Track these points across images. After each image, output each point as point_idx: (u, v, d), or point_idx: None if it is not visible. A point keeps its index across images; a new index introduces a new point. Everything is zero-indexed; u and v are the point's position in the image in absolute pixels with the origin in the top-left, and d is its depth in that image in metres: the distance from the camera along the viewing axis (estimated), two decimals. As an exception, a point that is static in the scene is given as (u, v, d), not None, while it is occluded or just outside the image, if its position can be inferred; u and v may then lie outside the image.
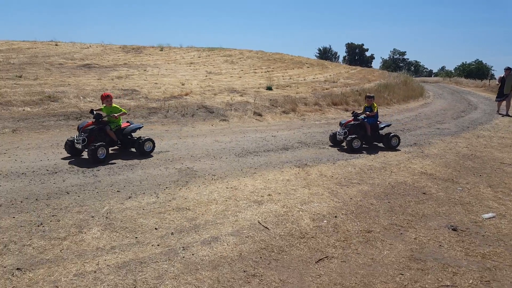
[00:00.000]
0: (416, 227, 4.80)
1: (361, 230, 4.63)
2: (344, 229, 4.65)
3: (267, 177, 6.63)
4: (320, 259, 3.90)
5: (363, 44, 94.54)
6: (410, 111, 18.14)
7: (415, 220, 5.02)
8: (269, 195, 5.70)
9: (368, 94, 9.99)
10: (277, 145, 9.36)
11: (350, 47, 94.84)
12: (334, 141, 9.60)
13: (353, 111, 9.89)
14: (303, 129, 12.08)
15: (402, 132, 12.16)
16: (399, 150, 9.24)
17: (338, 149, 9.14)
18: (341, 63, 71.70)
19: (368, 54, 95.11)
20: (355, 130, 9.32)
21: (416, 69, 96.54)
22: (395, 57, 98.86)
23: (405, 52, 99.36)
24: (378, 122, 9.77)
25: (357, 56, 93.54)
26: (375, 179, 6.77)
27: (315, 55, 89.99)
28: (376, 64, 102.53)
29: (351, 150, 8.95)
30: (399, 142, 9.49)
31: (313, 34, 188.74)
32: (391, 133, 9.59)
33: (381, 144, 9.76)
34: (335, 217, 5.01)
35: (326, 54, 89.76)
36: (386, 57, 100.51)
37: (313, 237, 4.40)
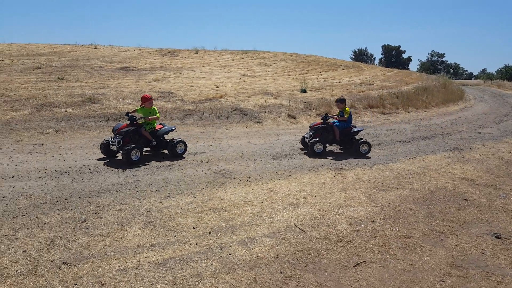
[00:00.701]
0: (457, 234, 4.62)
1: (399, 236, 4.51)
2: (382, 234, 4.55)
3: (302, 180, 6.59)
4: (358, 264, 3.83)
5: (400, 46, 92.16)
6: (449, 115, 17.53)
7: (456, 227, 4.84)
8: (305, 198, 5.67)
9: (338, 98, 9.48)
10: (312, 148, 9.27)
11: (387, 49, 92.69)
12: (304, 144, 9.19)
13: (325, 113, 9.57)
14: (338, 132, 11.89)
15: (442, 136, 11.77)
16: (369, 157, 8.60)
17: (305, 152, 8.83)
18: (377, 65, 70.14)
19: (405, 56, 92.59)
20: (322, 134, 8.95)
21: (456, 72, 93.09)
22: (433, 59, 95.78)
23: (444, 54, 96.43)
24: (352, 127, 9.25)
25: (393, 58, 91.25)
26: (414, 184, 6.58)
27: (350, 57, 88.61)
28: (414, 66, 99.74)
29: (313, 154, 8.53)
30: (369, 149, 8.81)
31: (348, 36, 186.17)
32: (361, 139, 8.97)
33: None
34: (373, 221, 4.91)
35: (361, 56, 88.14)
36: (424, 59, 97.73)
37: (350, 241, 4.33)
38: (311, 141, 8.58)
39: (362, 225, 4.78)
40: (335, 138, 9.01)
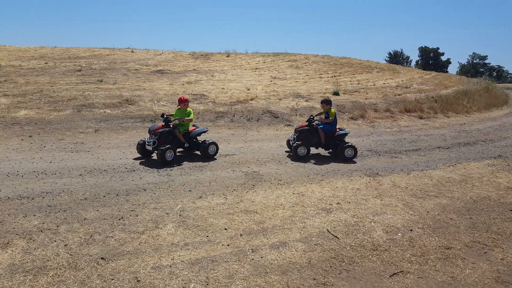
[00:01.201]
0: (503, 247, 4.39)
1: (439, 246, 4.35)
2: (420, 244, 4.39)
3: (335, 185, 6.49)
4: (395, 273, 3.72)
5: (438, 48, 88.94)
6: (492, 120, 16.77)
7: (501, 239, 4.60)
8: (338, 203, 5.58)
9: (323, 99, 9.11)
10: (345, 152, 9.14)
11: (424, 51, 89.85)
12: (290, 146, 8.93)
13: (311, 115, 9.12)
14: (373, 137, 11.69)
15: (484, 142, 11.28)
16: (354, 162, 8.31)
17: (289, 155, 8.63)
18: (414, 67, 68.12)
19: (443, 58, 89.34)
20: (306, 136, 8.68)
21: (499, 75, 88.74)
22: (474, 61, 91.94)
23: (486, 56, 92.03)
24: (337, 130, 8.89)
25: (431, 60, 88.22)
26: (455, 193, 6.32)
27: (385, 59, 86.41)
28: (453, 69, 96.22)
29: (296, 157, 8.31)
30: (355, 154, 8.48)
31: (383, 38, 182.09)
32: (347, 143, 8.65)
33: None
34: (411, 230, 4.76)
35: (397, 58, 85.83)
36: (464, 61, 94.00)
37: (386, 250, 4.21)
38: (294, 144, 8.44)
39: (399, 234, 4.64)
40: (320, 141, 8.77)
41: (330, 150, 9.02)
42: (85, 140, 9.24)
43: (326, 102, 8.83)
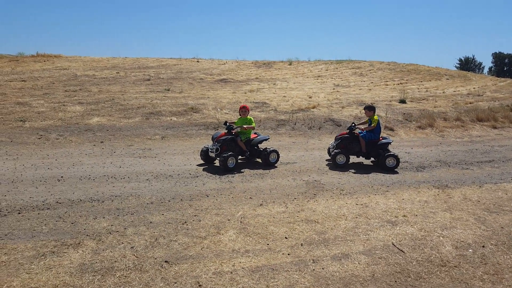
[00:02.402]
0: None
1: (518, 266, 3.92)
2: (494, 262, 4.01)
3: (401, 197, 6.16)
4: (468, 294, 3.41)
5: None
6: None
7: None
8: (404, 216, 5.28)
9: (367, 105, 8.66)
10: (412, 163, 8.68)
11: (498, 57, 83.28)
12: (330, 154, 8.63)
13: (352, 123, 8.65)
14: (442, 147, 10.98)
15: None
16: (396, 172, 7.90)
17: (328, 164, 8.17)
18: (487, 74, 63.36)
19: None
20: (346, 145, 8.30)
21: None
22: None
23: None
24: (381, 138, 8.39)
25: (506, 67, 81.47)
26: (536, 208, 5.71)
27: (455, 66, 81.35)
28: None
29: (335, 165, 8.12)
30: (397, 163, 8.04)
31: (452, 43, 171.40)
32: (389, 151, 8.23)
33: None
34: (483, 247, 4.38)
35: (468, 65, 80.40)
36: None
37: (456, 267, 3.90)
38: (333, 152, 8.20)
39: (470, 250, 4.29)
40: (361, 149, 8.38)
41: (373, 159, 8.68)
42: (152, 146, 9.71)
43: (369, 108, 8.54)
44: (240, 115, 8.54)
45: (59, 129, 10.65)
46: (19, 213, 4.96)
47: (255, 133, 8.76)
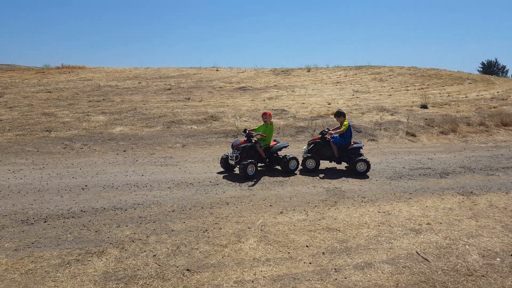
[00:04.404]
0: None
1: (551, 277, 3.77)
2: (524, 272, 3.87)
3: (424, 204, 6.03)
4: (498, 306, 3.30)
5: (541, 54, 79.38)
6: None
7: None
8: (428, 223, 5.16)
9: (336, 111, 8.62)
10: (435, 169, 8.49)
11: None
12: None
13: (327, 128, 8.65)
14: (466, 152, 10.71)
15: None
16: (366, 177, 7.82)
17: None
18: (511, 78, 61.54)
19: (548, 65, 79.27)
20: (318, 149, 8.30)
21: None
22: None
23: None
24: (352, 143, 8.33)
25: (532, 69, 78.91)
26: None
27: (478, 70, 79.20)
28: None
29: (305, 170, 8.18)
30: (367, 168, 8.01)
31: (474, 47, 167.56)
32: (360, 156, 8.24)
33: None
34: (511, 255, 4.22)
35: (491, 69, 78.12)
36: None
37: (483, 276, 3.79)
38: (304, 157, 8.25)
39: (498, 259, 4.16)
40: (333, 154, 8.37)
41: (346, 165, 8.65)
42: (173, 155, 9.84)
43: (339, 115, 8.58)
44: (264, 120, 8.49)
45: (83, 138, 10.92)
46: (45, 221, 5.09)
47: (274, 140, 8.75)
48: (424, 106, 16.10)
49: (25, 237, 4.57)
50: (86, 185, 6.87)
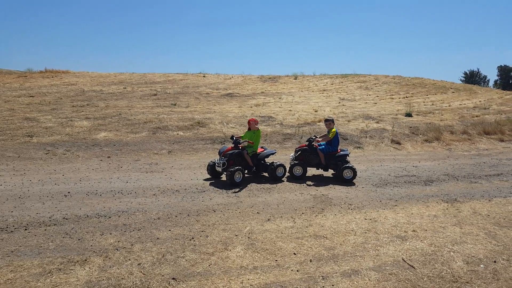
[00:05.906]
0: None
1: (534, 283, 3.82)
2: (506, 277, 3.93)
3: (410, 211, 6.08)
4: (484, 313, 3.32)
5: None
6: None
7: None
8: (414, 231, 5.20)
9: (326, 117, 8.78)
10: (420, 177, 8.59)
11: (503, 70, 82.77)
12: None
13: (314, 135, 8.80)
14: (450, 160, 10.88)
15: None
16: (353, 184, 7.90)
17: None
18: (492, 87, 63.12)
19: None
20: (305, 156, 8.42)
21: None
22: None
23: None
24: (339, 150, 8.54)
25: (511, 80, 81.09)
26: (550, 223, 5.59)
27: (460, 80, 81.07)
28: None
29: (292, 177, 8.24)
30: (354, 175, 8.08)
31: (457, 57, 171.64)
32: (347, 163, 8.32)
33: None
34: (494, 262, 4.29)
35: (473, 78, 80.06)
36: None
37: (467, 283, 3.82)
38: (291, 164, 8.31)
39: (482, 265, 4.20)
40: (320, 161, 8.46)
41: (333, 172, 8.74)
42: (159, 161, 9.72)
43: (327, 121, 8.67)
44: (249, 127, 8.48)
45: (66, 144, 10.71)
46: (25, 229, 4.95)
47: (261, 147, 8.73)
48: (408, 115, 16.35)
49: (4, 245, 4.42)
50: (68, 192, 6.72)
